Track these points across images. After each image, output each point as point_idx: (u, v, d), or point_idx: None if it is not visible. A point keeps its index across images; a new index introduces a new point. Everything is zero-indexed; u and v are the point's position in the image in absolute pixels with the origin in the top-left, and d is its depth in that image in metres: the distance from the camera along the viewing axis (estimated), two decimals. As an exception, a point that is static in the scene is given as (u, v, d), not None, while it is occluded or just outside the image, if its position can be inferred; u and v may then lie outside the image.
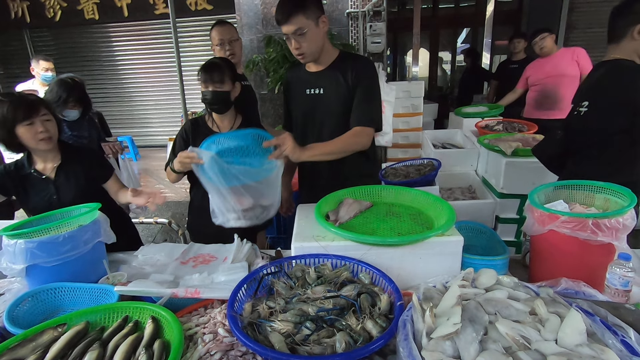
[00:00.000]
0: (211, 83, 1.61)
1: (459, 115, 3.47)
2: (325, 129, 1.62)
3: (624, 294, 1.03)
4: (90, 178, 1.68)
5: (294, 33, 1.45)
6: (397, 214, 1.34)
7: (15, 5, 5.24)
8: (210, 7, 5.01)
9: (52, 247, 1.22)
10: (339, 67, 1.57)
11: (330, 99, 1.59)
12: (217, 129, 1.73)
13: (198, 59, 5.38)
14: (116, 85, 5.65)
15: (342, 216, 1.30)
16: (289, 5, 1.44)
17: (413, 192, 1.42)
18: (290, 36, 1.48)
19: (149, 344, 0.87)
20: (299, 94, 1.67)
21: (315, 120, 1.64)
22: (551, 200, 1.27)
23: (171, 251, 1.52)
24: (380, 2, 4.22)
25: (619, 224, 1.03)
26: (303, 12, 1.43)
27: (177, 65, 3.20)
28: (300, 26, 1.44)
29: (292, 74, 1.73)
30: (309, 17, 1.44)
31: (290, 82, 1.73)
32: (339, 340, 0.81)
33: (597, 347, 0.69)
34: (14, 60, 5.68)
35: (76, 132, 2.40)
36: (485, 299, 0.83)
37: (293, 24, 1.44)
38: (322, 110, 1.62)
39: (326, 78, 1.59)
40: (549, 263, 1.19)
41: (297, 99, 1.69)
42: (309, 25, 1.45)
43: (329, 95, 1.59)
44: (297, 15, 1.42)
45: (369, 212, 1.36)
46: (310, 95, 1.62)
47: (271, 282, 1.08)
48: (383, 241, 1.12)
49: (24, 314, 1.14)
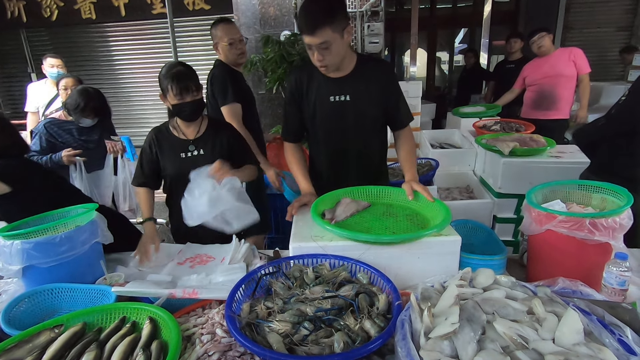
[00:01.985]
0: (187, 93, 1.54)
1: (457, 115, 3.48)
2: (351, 135, 1.59)
3: (620, 293, 1.04)
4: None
5: (319, 46, 1.36)
6: (393, 214, 1.34)
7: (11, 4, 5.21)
8: (208, 7, 4.99)
9: (49, 248, 1.21)
10: (362, 72, 1.54)
11: (357, 106, 1.55)
12: (184, 136, 1.67)
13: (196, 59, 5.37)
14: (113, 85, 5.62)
15: (338, 215, 1.30)
16: (317, 17, 1.33)
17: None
18: (313, 47, 1.37)
19: (147, 344, 0.87)
20: (321, 101, 1.56)
21: (341, 128, 1.58)
22: (548, 200, 1.28)
23: (168, 252, 1.51)
24: (378, 2, 4.22)
25: (616, 224, 1.04)
26: (330, 24, 1.33)
27: (174, 65, 3.19)
28: (326, 39, 1.34)
29: (305, 78, 1.57)
30: (335, 30, 1.35)
31: (305, 87, 1.58)
32: (337, 340, 0.81)
33: (595, 346, 0.69)
34: (10, 60, 5.64)
35: (85, 136, 2.42)
36: (483, 298, 0.83)
37: (318, 37, 1.33)
38: (350, 117, 1.56)
39: (351, 84, 1.53)
40: (546, 262, 1.19)
41: (318, 106, 1.57)
42: (335, 38, 1.36)
43: (356, 102, 1.54)
44: (325, 29, 1.32)
45: (366, 212, 1.36)
46: (336, 103, 1.54)
47: (269, 282, 1.08)
48: (377, 239, 1.13)
49: (21, 315, 1.13)
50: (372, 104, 1.56)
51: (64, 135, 2.36)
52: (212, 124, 1.73)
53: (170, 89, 1.52)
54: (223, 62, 2.29)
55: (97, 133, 2.47)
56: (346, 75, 1.53)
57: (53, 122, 2.37)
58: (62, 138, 2.35)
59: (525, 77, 3.49)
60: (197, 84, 1.57)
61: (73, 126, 2.38)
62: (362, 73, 1.54)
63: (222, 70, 2.22)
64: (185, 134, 1.67)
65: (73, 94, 2.30)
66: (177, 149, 1.65)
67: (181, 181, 1.52)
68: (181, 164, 1.63)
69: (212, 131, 1.70)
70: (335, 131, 1.60)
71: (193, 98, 1.55)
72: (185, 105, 1.55)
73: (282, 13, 4.66)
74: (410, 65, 4.56)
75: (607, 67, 5.18)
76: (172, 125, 1.68)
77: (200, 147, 1.66)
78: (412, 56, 4.51)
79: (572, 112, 3.44)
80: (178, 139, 1.67)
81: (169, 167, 1.66)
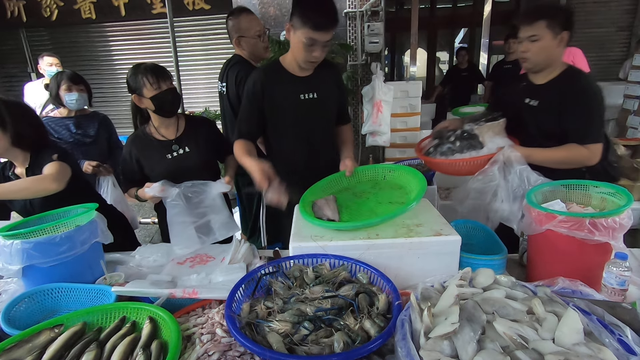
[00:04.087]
0: (164, 81, 1.56)
1: (456, 115, 3.48)
2: (319, 130, 1.71)
3: (620, 292, 1.04)
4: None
5: (327, 42, 1.47)
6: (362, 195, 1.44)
7: (11, 4, 5.21)
8: (208, 6, 4.99)
9: (48, 248, 1.21)
10: (322, 71, 1.65)
11: (324, 102, 1.66)
12: (164, 137, 1.66)
13: (196, 59, 5.37)
14: (113, 85, 5.63)
15: (333, 215, 1.31)
16: (333, 14, 1.44)
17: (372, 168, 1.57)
18: (321, 43, 1.46)
19: (147, 344, 0.87)
20: (292, 99, 1.61)
21: (307, 125, 1.67)
22: (548, 199, 1.28)
23: (168, 251, 1.51)
24: (378, 2, 4.22)
25: (616, 224, 1.04)
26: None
27: (174, 65, 3.19)
28: (332, 37, 1.47)
29: (268, 79, 1.58)
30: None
31: (269, 87, 1.58)
32: (337, 340, 0.81)
33: (594, 346, 0.69)
34: (10, 59, 5.64)
35: (82, 130, 2.37)
36: (483, 298, 0.83)
37: (331, 34, 1.45)
38: (318, 113, 1.67)
39: (317, 83, 1.63)
40: (546, 262, 1.19)
41: (288, 104, 1.61)
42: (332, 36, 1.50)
43: (323, 99, 1.65)
44: (335, 27, 1.46)
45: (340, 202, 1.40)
46: (306, 100, 1.62)
47: (269, 282, 1.08)
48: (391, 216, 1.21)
49: (21, 315, 1.13)
50: (333, 100, 1.71)
51: (61, 130, 2.35)
52: (190, 120, 1.75)
53: (146, 81, 1.53)
54: (243, 58, 2.09)
55: (94, 128, 2.42)
56: (311, 74, 1.63)
57: (49, 119, 2.36)
58: (58, 134, 2.34)
59: (524, 77, 3.49)
60: (169, 74, 1.61)
61: (70, 121, 2.35)
62: (323, 72, 1.65)
63: (247, 69, 2.00)
64: (165, 135, 1.67)
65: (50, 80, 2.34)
66: (161, 151, 1.65)
67: (174, 181, 1.55)
68: (169, 165, 1.64)
69: (192, 128, 1.72)
70: (301, 129, 1.67)
71: (169, 86, 1.58)
72: (165, 93, 1.56)
73: (282, 13, 4.66)
74: (410, 65, 4.56)
75: (606, 67, 5.18)
76: (149, 129, 1.68)
77: (184, 145, 1.67)
78: (412, 56, 4.51)
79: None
80: (159, 141, 1.66)
81: (157, 169, 1.66)
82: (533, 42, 1.47)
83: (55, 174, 1.47)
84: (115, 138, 2.58)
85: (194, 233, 1.51)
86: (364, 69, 4.63)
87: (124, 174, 1.74)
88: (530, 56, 1.50)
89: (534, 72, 1.59)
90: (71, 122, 2.36)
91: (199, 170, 1.68)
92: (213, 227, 1.55)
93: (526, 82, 1.64)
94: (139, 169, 1.69)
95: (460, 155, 1.51)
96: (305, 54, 1.48)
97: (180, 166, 1.65)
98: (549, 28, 1.44)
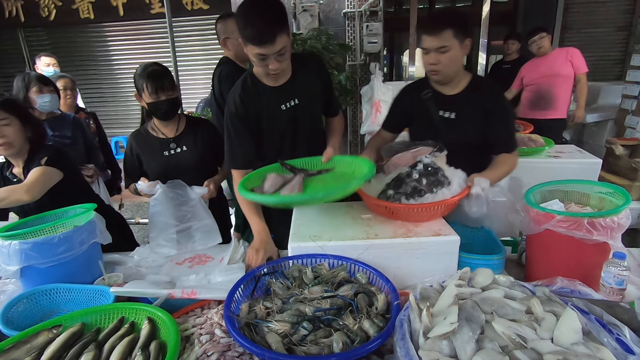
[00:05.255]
0: (162, 92, 1.57)
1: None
2: (302, 138, 1.57)
3: (618, 292, 1.04)
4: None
5: (278, 52, 1.29)
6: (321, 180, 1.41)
7: (9, 4, 5.19)
8: (207, 6, 4.98)
9: (47, 248, 1.21)
10: (300, 72, 1.50)
11: (306, 106, 1.53)
12: (163, 135, 1.70)
13: (195, 58, 5.36)
14: (112, 85, 5.61)
15: (267, 189, 1.31)
16: (272, 24, 1.25)
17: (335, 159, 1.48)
18: (273, 55, 1.29)
19: (145, 345, 0.87)
20: (273, 112, 1.49)
21: (294, 132, 1.55)
22: (547, 199, 1.28)
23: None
24: (377, 2, 4.22)
25: (614, 223, 1.04)
26: (285, 29, 1.29)
27: (173, 65, 3.18)
28: (284, 45, 1.29)
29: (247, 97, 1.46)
30: (288, 34, 1.32)
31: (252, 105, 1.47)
32: (336, 340, 0.81)
33: (593, 345, 0.69)
34: (9, 59, 5.62)
35: (58, 132, 2.29)
36: (482, 298, 0.83)
37: (278, 44, 1.27)
38: (303, 119, 1.54)
39: (295, 87, 1.49)
40: (544, 262, 1.19)
41: (271, 118, 1.50)
42: (288, 42, 1.32)
43: (305, 102, 1.52)
44: (282, 35, 1.27)
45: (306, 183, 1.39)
46: (289, 109, 1.50)
47: (268, 282, 1.08)
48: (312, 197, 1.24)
49: (19, 315, 1.13)
50: (317, 100, 1.58)
51: None
52: (191, 121, 1.78)
53: (146, 88, 1.56)
54: (230, 59, 2.20)
55: (69, 129, 2.34)
56: (288, 80, 1.48)
57: None
58: None
59: (522, 77, 3.50)
60: (172, 84, 1.61)
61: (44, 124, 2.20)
62: (301, 72, 1.50)
63: (231, 69, 2.13)
64: (164, 133, 1.71)
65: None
66: (159, 148, 1.69)
67: (168, 179, 1.57)
68: (164, 162, 1.68)
69: (191, 128, 1.74)
70: (288, 137, 1.56)
71: (168, 97, 1.59)
72: (160, 103, 1.58)
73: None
74: (409, 65, 4.56)
75: (605, 67, 5.19)
76: (151, 127, 1.72)
77: (182, 144, 1.71)
78: (411, 56, 4.51)
79: (570, 112, 3.46)
80: (158, 138, 1.70)
81: (154, 166, 1.70)
82: (443, 53, 1.37)
83: (31, 183, 1.44)
84: (90, 139, 2.52)
85: (174, 237, 1.51)
86: (362, 69, 4.62)
87: (125, 170, 1.77)
88: (441, 68, 1.41)
89: (443, 84, 1.51)
90: (46, 124, 2.23)
91: (192, 170, 1.70)
92: (194, 236, 1.54)
93: (432, 92, 1.53)
94: (139, 165, 1.73)
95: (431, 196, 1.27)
96: (263, 68, 1.36)
97: (174, 164, 1.68)
98: (456, 37, 1.36)
